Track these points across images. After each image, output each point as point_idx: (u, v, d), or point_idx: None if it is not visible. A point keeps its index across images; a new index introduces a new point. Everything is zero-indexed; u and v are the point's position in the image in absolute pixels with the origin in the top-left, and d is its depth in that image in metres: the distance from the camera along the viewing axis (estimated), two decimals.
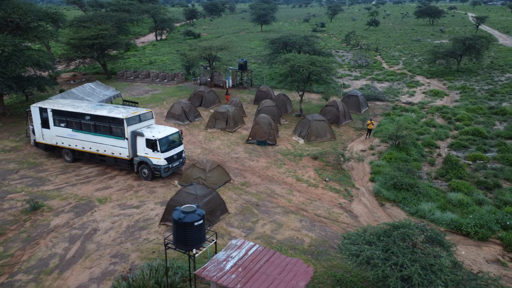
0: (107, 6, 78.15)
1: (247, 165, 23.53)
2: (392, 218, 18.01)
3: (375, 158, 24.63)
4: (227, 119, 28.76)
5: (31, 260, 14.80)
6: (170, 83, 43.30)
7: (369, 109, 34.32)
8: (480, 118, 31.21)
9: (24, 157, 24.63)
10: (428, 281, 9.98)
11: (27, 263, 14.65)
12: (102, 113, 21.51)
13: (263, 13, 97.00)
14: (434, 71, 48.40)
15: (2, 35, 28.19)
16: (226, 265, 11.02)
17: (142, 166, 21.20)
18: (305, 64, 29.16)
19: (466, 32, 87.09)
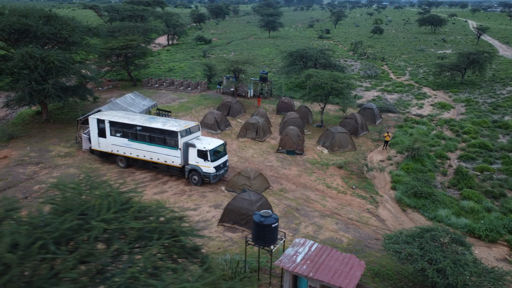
0: (122, 11, 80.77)
1: (281, 172, 26.51)
2: (414, 222, 21.04)
3: (393, 168, 27.67)
4: (257, 129, 31.71)
5: None
6: (194, 91, 46.17)
7: (382, 120, 37.35)
8: (485, 131, 34.32)
9: (80, 162, 27.50)
10: (457, 272, 12.97)
11: None
12: (157, 125, 24.43)
13: (271, 19, 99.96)
14: (440, 83, 51.53)
15: (54, 50, 31.01)
16: (296, 259, 13.98)
17: (192, 173, 24.14)
18: (328, 81, 32.17)
19: (468, 41, 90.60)
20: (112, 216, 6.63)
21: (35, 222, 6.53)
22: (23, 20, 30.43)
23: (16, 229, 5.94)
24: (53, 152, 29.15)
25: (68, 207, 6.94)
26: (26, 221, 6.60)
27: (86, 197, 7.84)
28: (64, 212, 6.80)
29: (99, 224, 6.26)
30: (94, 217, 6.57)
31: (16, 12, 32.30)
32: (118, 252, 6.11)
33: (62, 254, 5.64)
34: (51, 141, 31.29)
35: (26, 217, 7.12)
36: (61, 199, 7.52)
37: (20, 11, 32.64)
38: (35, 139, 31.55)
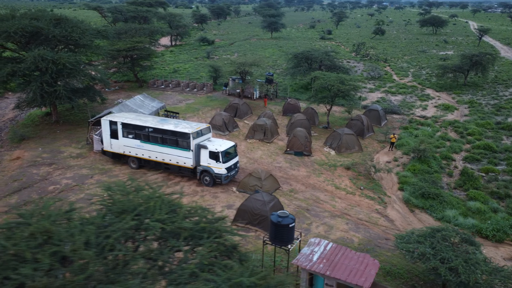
0: (126, 12, 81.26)
1: (290, 174, 26.99)
2: (422, 223, 21.53)
3: (400, 169, 28.16)
4: (265, 131, 32.19)
5: None
6: (200, 92, 46.65)
7: (387, 122, 37.83)
8: (489, 133, 34.81)
9: (92, 163, 27.98)
10: (469, 271, 13.46)
11: None
12: (169, 127, 24.91)
13: (273, 20, 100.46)
14: (443, 84, 52.00)
15: (65, 52, 31.49)
16: (313, 257, 14.46)
17: (204, 174, 24.62)
18: (335, 83, 32.66)
19: (469, 43, 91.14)
20: (165, 216, 7.10)
21: (98, 222, 6.97)
22: (34, 23, 30.90)
23: (83, 228, 6.39)
24: (65, 153, 29.63)
25: (123, 209, 7.40)
26: (90, 221, 7.03)
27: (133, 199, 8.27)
28: (120, 213, 7.25)
29: (156, 224, 6.71)
30: (149, 217, 7.02)
31: (27, 15, 32.80)
32: (175, 250, 6.56)
33: (129, 251, 6.10)
34: (62, 142, 31.76)
35: (89, 217, 7.55)
36: (115, 201, 7.96)
37: (31, 14, 33.12)
38: (46, 140, 32.02)
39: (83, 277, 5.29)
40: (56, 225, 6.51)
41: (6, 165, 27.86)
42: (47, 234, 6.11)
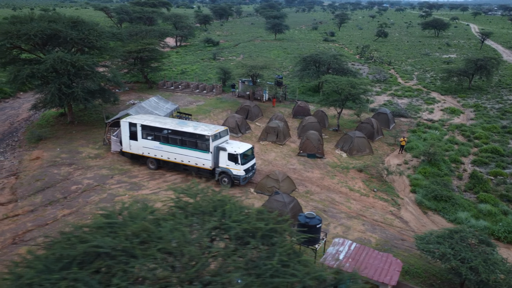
0: (132, 13, 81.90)
1: (304, 175, 27.72)
2: (436, 224, 22.29)
3: (410, 172, 28.91)
4: (278, 133, 32.91)
5: None
6: (209, 94, 47.33)
7: (396, 125, 38.58)
8: (495, 137, 35.59)
9: (111, 164, 28.64)
10: (489, 270, 14.20)
11: None
12: (188, 129, 25.62)
13: (277, 22, 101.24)
14: (447, 88, 52.82)
15: (83, 54, 32.16)
16: (339, 257, 15.19)
17: (222, 175, 25.32)
18: (345, 87, 33.40)
19: (471, 46, 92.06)
20: (242, 217, 7.77)
21: (185, 222, 7.62)
22: (53, 25, 31.52)
23: (177, 227, 7.06)
24: (83, 153, 30.27)
25: (198, 211, 8.06)
26: (177, 221, 7.65)
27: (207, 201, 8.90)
28: (192, 215, 7.91)
29: (236, 224, 7.38)
30: (225, 218, 7.70)
31: (45, 18, 33.41)
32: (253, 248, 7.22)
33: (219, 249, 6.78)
34: (79, 142, 32.39)
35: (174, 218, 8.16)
36: (194, 203, 8.61)
37: (48, 17, 33.76)
38: (63, 141, 32.64)
39: (194, 270, 5.95)
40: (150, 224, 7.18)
41: (27, 164, 28.50)
42: (147, 232, 6.77)
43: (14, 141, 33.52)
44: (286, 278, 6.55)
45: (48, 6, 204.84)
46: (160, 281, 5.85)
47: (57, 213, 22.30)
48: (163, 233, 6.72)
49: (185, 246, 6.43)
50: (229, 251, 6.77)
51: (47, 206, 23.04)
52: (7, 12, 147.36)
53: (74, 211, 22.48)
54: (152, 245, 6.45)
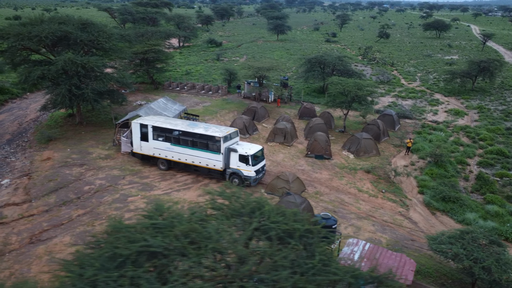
0: (135, 14, 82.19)
1: (313, 176, 28.08)
2: (444, 225, 22.66)
3: (417, 173, 29.29)
4: (285, 134, 33.26)
5: None
6: (215, 95, 47.66)
7: (401, 126, 38.94)
8: (500, 138, 35.97)
9: (121, 164, 28.97)
10: (501, 270, 14.57)
11: None
12: (199, 131, 25.97)
13: (279, 23, 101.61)
14: (451, 89, 53.21)
15: (89, 56, 32.50)
16: (354, 257, 15.55)
17: (233, 176, 25.68)
18: (352, 89, 33.77)
19: (473, 47, 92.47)
20: (280, 219, 8.13)
21: (228, 223, 7.97)
22: (64, 27, 31.84)
23: (223, 228, 7.41)
24: (93, 154, 30.59)
25: (237, 212, 8.42)
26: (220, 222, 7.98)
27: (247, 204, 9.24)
28: (232, 216, 8.27)
29: (276, 225, 7.73)
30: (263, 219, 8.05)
31: (55, 20, 33.73)
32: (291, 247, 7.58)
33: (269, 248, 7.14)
34: (89, 143, 32.71)
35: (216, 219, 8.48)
36: (231, 205, 8.96)
37: (58, 19, 34.07)
38: (72, 141, 32.96)
39: (247, 269, 6.30)
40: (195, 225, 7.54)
41: (39, 165, 28.83)
42: (195, 233, 7.11)
43: (24, 142, 33.84)
44: (328, 276, 6.91)
45: (49, 6, 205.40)
46: (217, 279, 6.20)
47: (71, 213, 22.64)
48: (211, 234, 7.06)
49: (234, 246, 6.78)
50: (275, 251, 7.13)
51: (61, 206, 23.38)
52: (9, 12, 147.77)
53: (89, 211, 22.81)
54: (203, 245, 6.79)
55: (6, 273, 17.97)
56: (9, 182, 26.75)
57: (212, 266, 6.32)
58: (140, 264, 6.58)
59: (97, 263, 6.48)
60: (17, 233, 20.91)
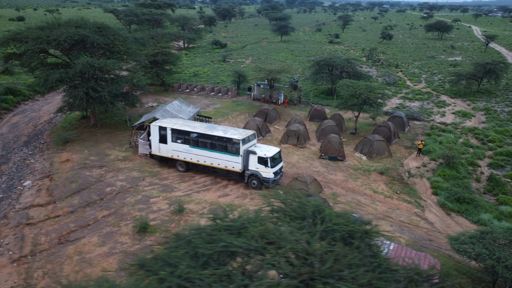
0: (141, 15, 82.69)
1: (328, 178, 28.67)
2: (460, 225, 23.26)
3: (430, 175, 29.90)
4: (298, 136, 33.85)
5: None
6: (225, 97, 48.23)
7: (410, 128, 39.55)
8: (508, 140, 36.59)
9: (140, 166, 29.51)
10: None
11: None
12: (218, 133, 26.54)
13: (283, 24, 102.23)
14: (456, 91, 53.83)
15: (105, 59, 33.04)
16: None
17: (251, 178, 26.25)
18: (364, 91, 34.37)
19: (476, 49, 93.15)
20: (341, 221, 8.69)
21: (295, 225, 8.53)
22: (81, 31, 32.36)
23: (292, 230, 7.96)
24: (111, 156, 31.12)
25: (299, 215, 8.98)
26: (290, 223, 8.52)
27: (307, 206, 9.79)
28: (295, 218, 8.83)
29: (339, 227, 8.31)
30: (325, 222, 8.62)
31: (72, 23, 34.24)
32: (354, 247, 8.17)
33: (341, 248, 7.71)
34: (105, 145, 33.24)
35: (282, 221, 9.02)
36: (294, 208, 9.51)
37: (74, 22, 34.58)
38: (89, 143, 33.49)
39: (327, 267, 6.84)
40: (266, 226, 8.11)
41: (59, 167, 29.35)
42: (269, 234, 7.67)
43: (41, 143, 34.35)
44: (394, 274, 7.47)
45: (50, 6, 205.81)
46: (301, 276, 6.73)
47: (96, 214, 23.19)
48: (285, 235, 7.61)
49: (310, 246, 7.34)
50: (346, 251, 7.69)
51: (85, 207, 23.92)
52: (11, 12, 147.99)
53: (113, 212, 23.36)
54: (282, 245, 7.34)
55: (40, 273, 18.53)
56: (31, 183, 27.29)
57: (296, 264, 6.86)
58: (222, 263, 7.13)
59: (185, 262, 7.01)
60: (45, 234, 21.45)
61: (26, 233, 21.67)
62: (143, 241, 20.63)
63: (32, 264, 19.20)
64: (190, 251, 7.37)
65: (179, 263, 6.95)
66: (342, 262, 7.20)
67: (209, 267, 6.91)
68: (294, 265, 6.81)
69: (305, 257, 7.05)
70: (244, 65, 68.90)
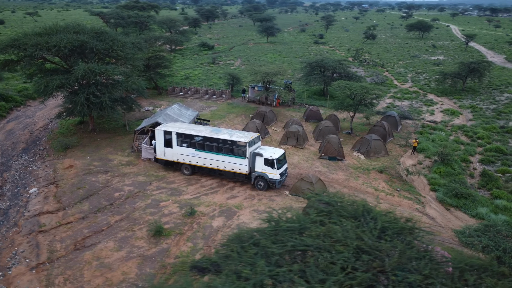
0: (127, 18, 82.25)
1: (330, 177, 29.56)
2: (460, 220, 24.45)
3: (426, 172, 31.13)
4: (298, 137, 34.67)
5: None
6: (219, 99, 48.72)
7: (402, 127, 40.88)
8: (496, 136, 38.28)
9: (145, 170, 29.81)
10: None
11: None
12: (224, 137, 27.10)
13: (269, 25, 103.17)
14: (442, 89, 55.69)
15: (110, 65, 33.17)
16: None
17: (258, 179, 26.90)
18: (360, 92, 35.45)
19: (456, 48, 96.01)
20: (391, 219, 9.42)
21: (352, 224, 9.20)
22: (81, 37, 32.41)
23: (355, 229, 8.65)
24: (114, 161, 31.31)
25: (351, 214, 9.68)
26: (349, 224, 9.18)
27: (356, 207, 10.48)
28: (347, 218, 9.52)
29: (391, 225, 9.04)
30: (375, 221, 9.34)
31: (70, 29, 34.20)
32: None
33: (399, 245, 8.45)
34: (106, 150, 33.37)
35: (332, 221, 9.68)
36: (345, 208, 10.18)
37: (72, 28, 34.55)
38: (90, 149, 33.57)
39: (394, 261, 7.53)
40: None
41: (63, 173, 29.40)
42: (331, 233, 8.34)
43: (40, 150, 34.25)
44: (445, 264, 8.25)
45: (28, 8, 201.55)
46: (371, 270, 7.40)
47: (109, 219, 23.45)
48: (350, 233, 8.30)
49: (374, 243, 8.05)
50: (405, 246, 8.46)
51: (96, 213, 24.15)
52: None
53: (125, 217, 23.67)
54: (349, 242, 8.02)
55: (61, 279, 18.77)
56: (37, 190, 27.31)
57: (365, 259, 7.55)
58: (293, 261, 7.76)
59: (260, 261, 7.60)
60: (60, 241, 21.63)
61: (40, 240, 21.81)
62: (160, 244, 21.04)
63: (52, 270, 19.40)
64: (259, 251, 8.00)
65: (254, 262, 7.55)
66: (404, 256, 7.94)
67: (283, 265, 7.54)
68: (363, 260, 7.50)
69: (374, 253, 7.76)
70: (234, 67, 69.51)
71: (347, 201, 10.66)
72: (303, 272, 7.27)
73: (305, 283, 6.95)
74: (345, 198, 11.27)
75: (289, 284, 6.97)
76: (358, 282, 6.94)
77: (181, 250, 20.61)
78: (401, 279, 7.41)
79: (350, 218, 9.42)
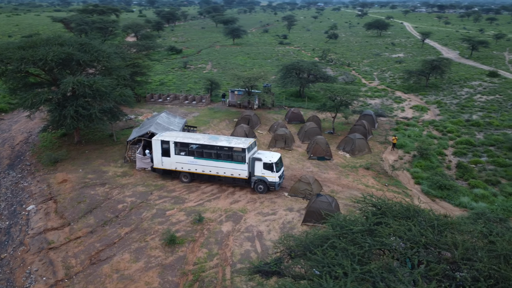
0: (91, 24, 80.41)
1: (323, 177, 31.18)
2: (445, 209, 26.73)
3: (408, 167, 33.49)
4: (286, 140, 36.09)
5: (236, 255, 21.32)
6: (200, 105, 49.27)
7: (379, 124, 43.34)
8: (463, 130, 41.52)
9: (143, 180, 30.10)
10: None
11: (235, 257, 21.17)
12: (223, 143, 28.00)
13: (235, 27, 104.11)
14: (408, 86, 59.12)
15: (100, 77, 33.04)
16: None
17: (258, 183, 28.02)
18: (341, 94, 37.40)
19: (413, 45, 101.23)
20: (439, 217, 10.82)
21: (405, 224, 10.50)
22: (66, 49, 32.09)
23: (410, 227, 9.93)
24: (109, 172, 31.32)
25: (403, 215, 11.00)
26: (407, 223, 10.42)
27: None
28: (401, 218, 10.83)
29: (441, 222, 10.44)
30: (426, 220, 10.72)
31: (52, 41, 33.71)
32: None
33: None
34: (98, 162, 33.24)
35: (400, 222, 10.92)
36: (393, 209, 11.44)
37: (55, 40, 34.07)
38: (80, 161, 33.30)
39: (460, 252, 8.86)
40: None
41: (58, 188, 29.14)
42: (401, 234, 9.55)
43: (27, 165, 33.57)
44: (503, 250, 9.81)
45: None
46: (446, 261, 8.71)
47: (118, 231, 23.76)
48: (413, 232, 9.61)
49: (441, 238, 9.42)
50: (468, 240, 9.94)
51: (104, 226, 24.36)
52: None
53: (134, 229, 24.05)
54: (417, 239, 9.30)
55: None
56: (35, 207, 27.03)
57: (433, 252, 8.86)
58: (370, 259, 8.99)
59: (345, 262, 8.74)
60: (73, 256, 21.78)
61: (53, 257, 21.86)
62: (176, 252, 21.69)
63: (72, 286, 19.63)
64: (338, 252, 9.14)
65: (339, 262, 8.70)
66: (463, 247, 9.40)
67: (366, 263, 8.74)
68: (433, 254, 8.85)
69: (442, 246, 9.14)
70: (206, 71, 69.98)
71: (393, 203, 12.03)
72: (387, 267, 8.53)
73: (393, 277, 8.20)
74: (389, 200, 12.64)
75: (381, 279, 8.21)
76: (436, 272, 8.28)
77: (198, 257, 21.40)
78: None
79: (403, 218, 10.81)
